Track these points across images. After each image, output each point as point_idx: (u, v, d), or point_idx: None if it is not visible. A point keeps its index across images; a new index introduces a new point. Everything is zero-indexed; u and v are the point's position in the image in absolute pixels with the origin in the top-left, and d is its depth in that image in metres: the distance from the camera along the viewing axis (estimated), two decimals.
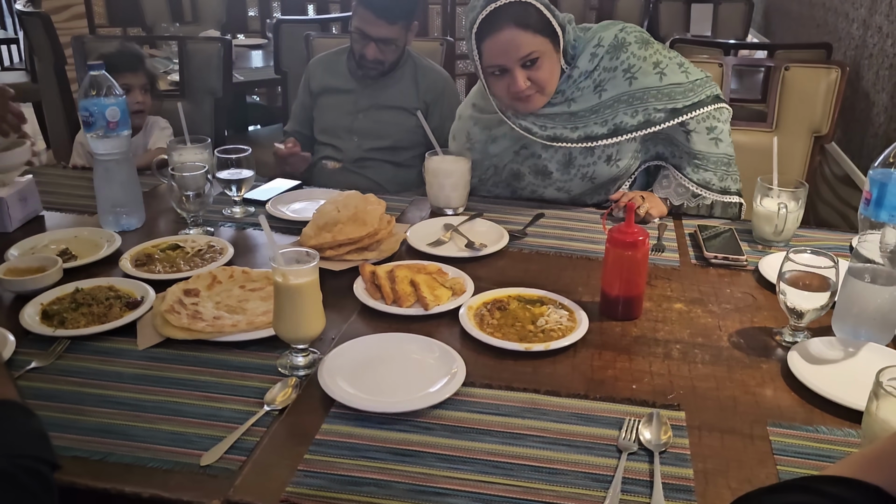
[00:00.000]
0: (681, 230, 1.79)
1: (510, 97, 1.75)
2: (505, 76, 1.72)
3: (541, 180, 1.93)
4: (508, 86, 1.72)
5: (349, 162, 2.47)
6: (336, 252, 1.53)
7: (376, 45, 2.32)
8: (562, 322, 1.32)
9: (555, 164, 1.88)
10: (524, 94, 1.72)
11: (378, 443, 1.03)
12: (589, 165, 1.87)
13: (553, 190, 1.94)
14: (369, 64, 2.37)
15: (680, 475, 0.99)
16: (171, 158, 1.84)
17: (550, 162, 1.88)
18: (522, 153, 1.91)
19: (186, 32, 4.65)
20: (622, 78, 1.79)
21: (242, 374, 1.19)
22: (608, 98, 1.80)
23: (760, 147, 2.43)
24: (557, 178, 1.90)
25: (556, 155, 1.87)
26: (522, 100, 1.75)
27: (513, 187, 2.00)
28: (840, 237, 1.78)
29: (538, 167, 1.90)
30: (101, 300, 1.36)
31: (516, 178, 1.96)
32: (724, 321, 1.38)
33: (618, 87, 1.79)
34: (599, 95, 1.80)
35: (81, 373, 1.19)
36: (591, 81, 1.80)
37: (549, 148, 1.86)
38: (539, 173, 1.91)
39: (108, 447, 1.02)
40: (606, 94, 1.80)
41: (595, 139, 1.81)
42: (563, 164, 1.88)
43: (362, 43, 2.34)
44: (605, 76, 1.79)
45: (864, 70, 2.73)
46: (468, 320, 1.31)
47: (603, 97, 1.80)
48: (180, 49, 2.83)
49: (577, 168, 1.88)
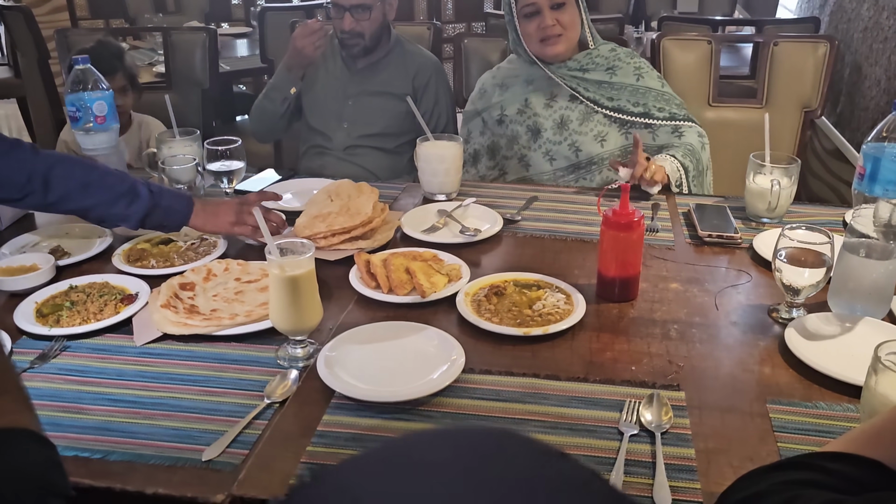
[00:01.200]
0: (675, 209, 1.79)
1: (539, 35, 1.99)
2: (535, 17, 1.98)
3: (532, 141, 2.06)
4: (539, 23, 1.98)
5: (339, 149, 2.46)
6: (330, 242, 1.53)
7: (351, 14, 2.30)
8: (559, 305, 1.32)
9: (550, 123, 2.04)
10: (551, 31, 1.97)
11: (380, 432, 1.03)
12: (580, 134, 2.02)
13: (540, 154, 2.04)
14: (348, 38, 2.33)
15: (682, 455, 0.99)
16: (160, 152, 1.83)
17: (547, 120, 2.04)
18: (526, 112, 2.08)
19: (170, 23, 4.61)
20: (632, 72, 2.05)
21: (241, 367, 1.19)
22: (616, 81, 2.03)
23: (751, 123, 2.43)
24: (548, 138, 2.04)
25: (554, 115, 2.04)
26: (549, 39, 1.99)
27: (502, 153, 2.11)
28: (833, 212, 1.78)
29: (534, 125, 2.05)
30: (95, 297, 1.35)
31: (511, 141, 2.09)
32: (720, 300, 1.39)
33: (627, 76, 2.04)
34: (610, 76, 2.04)
35: (79, 371, 1.18)
36: (605, 61, 2.06)
37: (549, 107, 2.05)
38: (532, 132, 2.05)
39: (110, 445, 1.02)
40: (616, 78, 2.04)
41: (599, 106, 2.02)
42: (558, 125, 2.03)
43: (338, 15, 2.32)
44: (618, 64, 2.06)
45: (857, 43, 2.72)
46: (465, 307, 1.31)
47: (612, 79, 2.03)
48: (165, 40, 2.80)
49: (569, 132, 2.02)
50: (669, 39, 2.55)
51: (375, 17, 2.33)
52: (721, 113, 2.54)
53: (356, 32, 2.32)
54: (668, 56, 2.54)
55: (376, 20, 2.34)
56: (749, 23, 3.52)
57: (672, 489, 0.93)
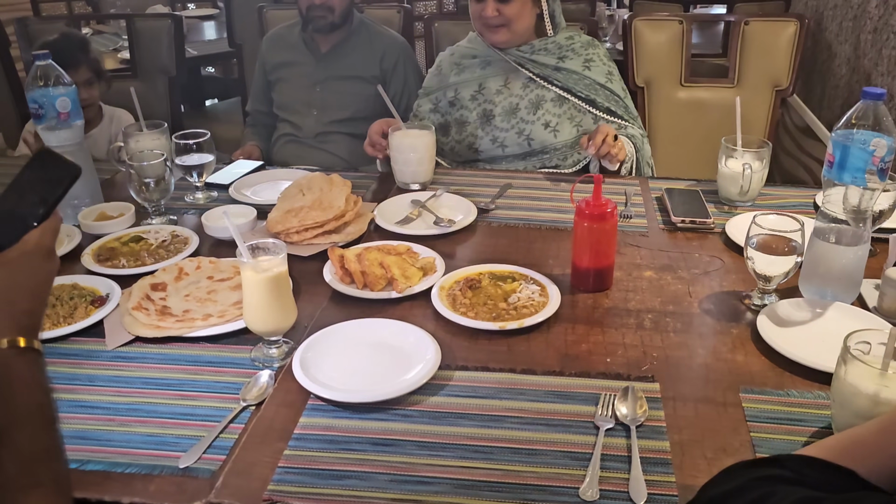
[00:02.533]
0: (648, 194, 1.80)
1: (482, 21, 1.99)
2: (481, 2, 1.96)
3: (482, 126, 2.05)
4: (482, 10, 1.96)
5: (310, 137, 2.43)
6: (303, 236, 1.51)
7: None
8: (534, 298, 1.32)
9: (500, 110, 2.03)
10: (492, 21, 1.96)
11: (357, 433, 1.03)
12: (528, 123, 2.01)
13: (488, 140, 2.04)
14: (318, 12, 2.30)
15: (657, 448, 1.00)
16: (127, 146, 1.79)
17: (496, 107, 2.03)
18: (478, 97, 2.06)
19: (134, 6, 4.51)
20: (581, 63, 2.03)
21: (216, 369, 1.18)
22: (564, 67, 2.02)
23: (723, 103, 2.45)
24: (497, 124, 2.03)
25: (504, 102, 2.03)
26: (490, 28, 1.98)
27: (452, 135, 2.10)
28: (804, 193, 1.80)
29: (485, 112, 2.05)
30: (65, 300, 1.33)
31: (461, 125, 2.08)
32: (693, 287, 1.40)
33: (575, 65, 2.02)
34: (558, 62, 2.02)
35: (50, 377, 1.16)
36: (558, 49, 2.03)
37: (500, 93, 2.04)
38: (484, 117, 2.05)
39: (85, 454, 1.01)
40: (563, 64, 2.02)
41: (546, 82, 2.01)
42: (507, 112, 2.02)
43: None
44: (568, 54, 2.03)
45: (827, 21, 2.73)
46: (440, 301, 1.31)
47: (560, 65, 2.02)
48: (129, 27, 2.75)
49: (518, 119, 2.01)
50: (641, 20, 2.54)
51: None
52: (693, 93, 2.55)
53: (327, 6, 2.28)
54: (639, 36, 2.54)
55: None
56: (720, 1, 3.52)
57: (647, 483, 0.94)
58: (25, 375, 0.80)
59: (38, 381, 0.81)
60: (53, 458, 0.78)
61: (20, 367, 0.80)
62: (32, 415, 0.78)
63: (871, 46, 2.25)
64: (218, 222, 1.58)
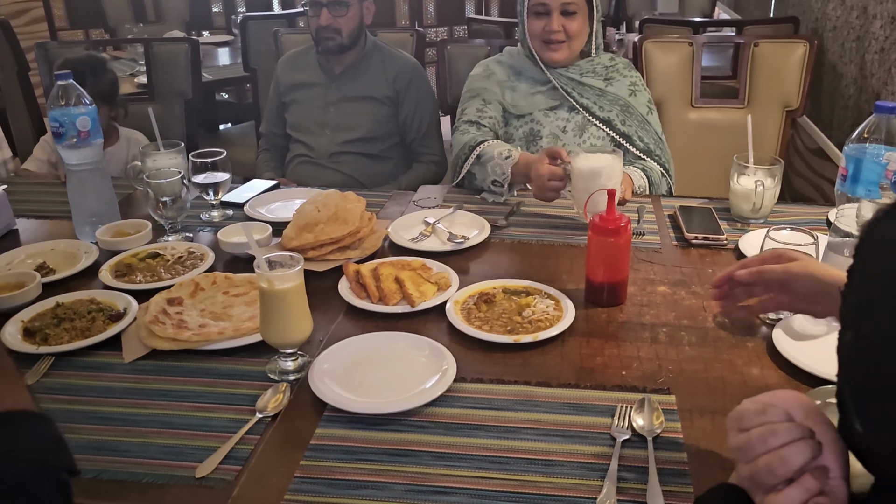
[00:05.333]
0: (660, 212, 1.80)
1: (543, 36, 1.98)
2: (543, 17, 1.97)
3: (526, 146, 2.04)
4: (545, 25, 1.96)
5: (323, 157, 2.46)
6: (318, 252, 1.52)
7: (328, 9, 2.31)
8: (548, 312, 1.32)
9: (546, 131, 2.03)
10: (556, 37, 1.96)
11: (373, 444, 1.04)
12: (575, 146, 1.99)
13: None
14: (326, 34, 2.34)
15: (674, 459, 1.00)
16: (144, 164, 1.82)
17: (545, 128, 2.03)
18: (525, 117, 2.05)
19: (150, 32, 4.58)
20: (627, 86, 2.04)
21: (232, 381, 1.19)
22: (611, 92, 2.03)
23: (733, 124, 2.46)
24: (542, 146, 1.99)
25: (551, 125, 2.03)
26: (553, 44, 1.98)
27: None
28: (817, 211, 1.80)
29: (532, 131, 2.05)
30: (83, 314, 1.34)
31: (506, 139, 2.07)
32: (708, 302, 1.39)
33: (621, 89, 2.04)
34: (606, 85, 2.04)
35: (68, 390, 1.17)
36: (604, 70, 2.05)
37: (547, 116, 2.04)
38: (530, 136, 2.04)
39: (101, 464, 1.01)
40: (611, 87, 2.03)
41: (590, 115, 2.02)
42: (554, 135, 2.02)
43: (315, 13, 2.33)
44: (615, 76, 2.05)
45: (828, 42, 2.75)
46: (455, 315, 1.31)
47: (608, 88, 2.03)
48: (146, 52, 2.79)
49: (563, 143, 1.99)
50: (651, 42, 2.57)
51: (352, 16, 2.34)
52: (704, 114, 2.56)
53: (333, 28, 2.33)
54: (650, 58, 2.56)
55: (353, 19, 2.35)
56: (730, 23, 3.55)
57: (665, 494, 0.93)
58: None
59: None
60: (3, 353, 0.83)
61: None
62: None
63: (878, 66, 2.26)
64: (233, 238, 1.59)
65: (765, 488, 0.65)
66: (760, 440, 0.66)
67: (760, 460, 0.65)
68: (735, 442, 0.70)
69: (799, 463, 0.63)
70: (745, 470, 0.67)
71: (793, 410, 0.67)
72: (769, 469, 0.64)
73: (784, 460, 0.64)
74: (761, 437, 0.66)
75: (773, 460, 0.64)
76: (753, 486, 0.66)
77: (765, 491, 0.65)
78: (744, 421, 0.70)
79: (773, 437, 0.66)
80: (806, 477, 0.63)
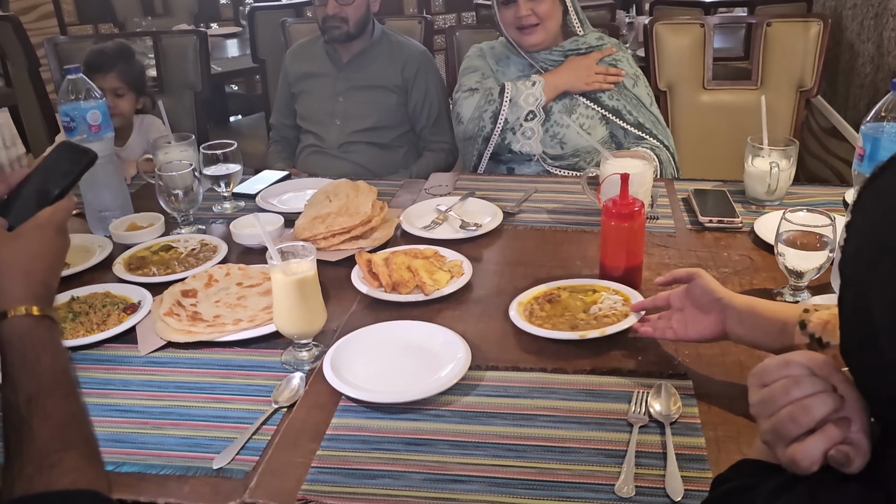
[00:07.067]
0: (674, 196, 1.79)
1: (515, 23, 1.98)
2: (511, 5, 1.97)
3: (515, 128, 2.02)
4: (515, 12, 1.96)
5: (333, 147, 2.45)
6: (331, 242, 1.52)
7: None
8: (616, 307, 1.26)
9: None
10: (527, 21, 1.96)
11: (389, 433, 1.03)
12: (562, 126, 2.01)
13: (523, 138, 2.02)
14: (333, 23, 2.32)
15: (692, 444, 0.99)
16: (156, 158, 1.82)
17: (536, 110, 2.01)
18: None
19: (159, 26, 4.58)
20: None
21: (247, 372, 1.19)
22: None
23: (747, 105, 2.43)
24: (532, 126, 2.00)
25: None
26: (525, 29, 1.98)
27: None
28: (833, 191, 1.78)
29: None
30: (98, 307, 1.35)
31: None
32: (723, 285, 1.38)
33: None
34: None
35: (85, 383, 1.17)
36: (588, 49, 2.03)
37: None
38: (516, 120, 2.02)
39: (120, 457, 1.02)
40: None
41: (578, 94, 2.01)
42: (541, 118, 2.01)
43: (321, 2, 2.31)
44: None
45: (846, 20, 2.71)
46: (519, 316, 1.26)
47: None
48: (155, 45, 2.79)
49: (551, 124, 2.02)
50: (662, 24, 2.54)
51: (359, 4, 2.32)
52: (716, 96, 2.54)
53: (340, 17, 2.31)
54: (661, 41, 2.53)
55: (360, 7, 2.33)
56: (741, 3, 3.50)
57: (684, 479, 0.93)
58: (47, 341, 0.82)
59: (58, 347, 0.83)
60: (81, 421, 0.80)
61: (41, 333, 0.82)
62: (58, 381, 0.80)
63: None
64: (246, 230, 1.59)
65: (787, 440, 0.65)
66: (783, 391, 0.67)
67: (783, 411, 0.66)
68: (757, 396, 0.70)
69: (821, 413, 0.63)
70: (766, 424, 0.67)
71: (814, 367, 0.67)
72: (791, 418, 0.64)
73: (807, 409, 0.64)
74: (784, 389, 0.67)
75: (796, 410, 0.65)
76: (775, 439, 0.66)
77: (787, 443, 0.65)
78: (766, 376, 0.70)
79: (796, 388, 0.66)
80: (829, 426, 0.63)
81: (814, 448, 0.63)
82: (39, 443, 0.75)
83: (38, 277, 0.86)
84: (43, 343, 0.81)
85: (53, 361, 0.81)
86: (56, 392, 0.79)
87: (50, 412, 0.77)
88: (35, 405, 0.77)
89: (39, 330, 0.82)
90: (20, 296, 0.83)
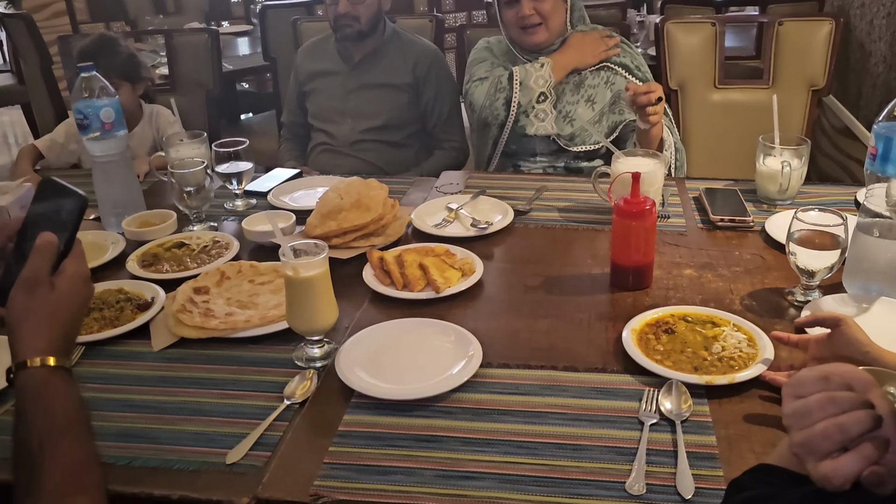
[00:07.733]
0: (685, 195, 1.78)
1: (518, 23, 1.98)
2: (514, 5, 1.96)
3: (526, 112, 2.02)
4: (517, 12, 1.96)
5: (345, 145, 2.46)
6: (342, 240, 1.53)
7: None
8: (742, 348, 1.16)
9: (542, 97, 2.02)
10: (530, 20, 1.95)
11: (401, 430, 1.04)
12: (572, 104, 2.02)
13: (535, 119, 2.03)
14: (344, 21, 2.33)
15: (703, 443, 0.99)
16: (168, 155, 1.83)
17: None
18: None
19: (171, 24, 4.60)
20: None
21: (259, 369, 1.19)
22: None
23: (758, 104, 2.42)
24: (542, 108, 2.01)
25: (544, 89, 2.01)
26: (528, 28, 1.98)
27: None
28: (845, 191, 1.77)
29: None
30: (111, 304, 1.36)
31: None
32: (734, 284, 1.38)
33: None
34: None
35: (99, 378, 1.19)
36: None
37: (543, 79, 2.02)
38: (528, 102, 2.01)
39: (133, 451, 1.03)
40: None
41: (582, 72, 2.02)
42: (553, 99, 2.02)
43: (333, 1, 2.31)
44: None
45: (855, 20, 2.70)
46: (633, 345, 1.18)
47: None
48: (167, 43, 2.80)
49: (564, 103, 2.02)
50: (673, 23, 2.53)
51: (371, 3, 2.33)
52: (728, 95, 2.53)
53: (352, 16, 2.32)
54: (672, 39, 2.53)
55: (371, 6, 2.34)
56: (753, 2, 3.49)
57: (695, 477, 0.93)
58: (61, 387, 0.84)
59: (73, 392, 0.85)
60: (94, 465, 0.81)
61: (56, 381, 0.84)
62: (72, 424, 0.82)
63: None
64: (258, 227, 1.60)
65: (819, 455, 0.64)
66: (819, 406, 0.65)
67: (817, 426, 0.64)
68: (791, 407, 0.68)
69: (857, 432, 0.62)
70: (799, 436, 0.66)
71: (853, 382, 0.66)
72: (826, 435, 0.63)
73: (842, 427, 0.63)
74: (820, 404, 0.65)
75: (830, 427, 0.63)
76: (806, 453, 0.65)
77: (818, 458, 0.64)
78: (802, 388, 0.68)
79: (832, 404, 0.65)
80: (866, 445, 0.62)
81: (848, 468, 0.62)
82: (53, 483, 0.76)
83: (61, 331, 0.88)
84: (57, 388, 0.83)
85: (68, 405, 0.83)
86: (69, 434, 0.81)
87: (63, 453, 0.79)
88: (47, 446, 0.79)
89: (55, 379, 0.84)
90: (41, 348, 0.85)
